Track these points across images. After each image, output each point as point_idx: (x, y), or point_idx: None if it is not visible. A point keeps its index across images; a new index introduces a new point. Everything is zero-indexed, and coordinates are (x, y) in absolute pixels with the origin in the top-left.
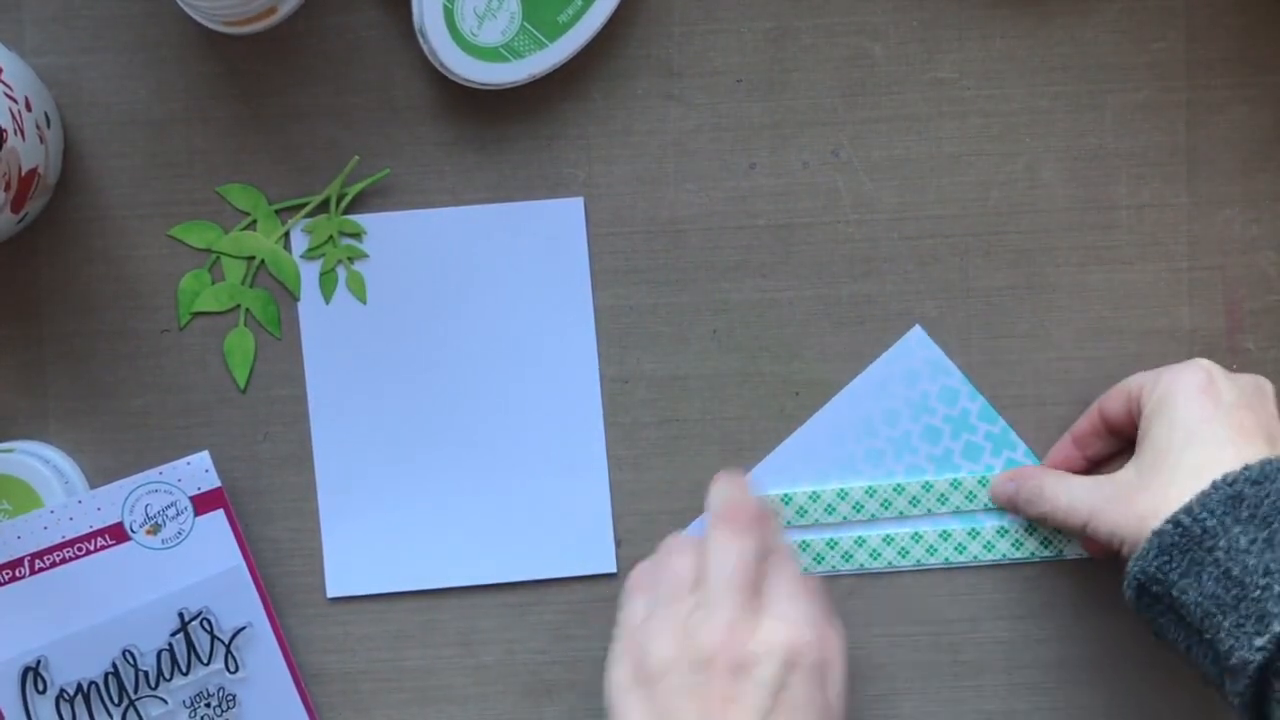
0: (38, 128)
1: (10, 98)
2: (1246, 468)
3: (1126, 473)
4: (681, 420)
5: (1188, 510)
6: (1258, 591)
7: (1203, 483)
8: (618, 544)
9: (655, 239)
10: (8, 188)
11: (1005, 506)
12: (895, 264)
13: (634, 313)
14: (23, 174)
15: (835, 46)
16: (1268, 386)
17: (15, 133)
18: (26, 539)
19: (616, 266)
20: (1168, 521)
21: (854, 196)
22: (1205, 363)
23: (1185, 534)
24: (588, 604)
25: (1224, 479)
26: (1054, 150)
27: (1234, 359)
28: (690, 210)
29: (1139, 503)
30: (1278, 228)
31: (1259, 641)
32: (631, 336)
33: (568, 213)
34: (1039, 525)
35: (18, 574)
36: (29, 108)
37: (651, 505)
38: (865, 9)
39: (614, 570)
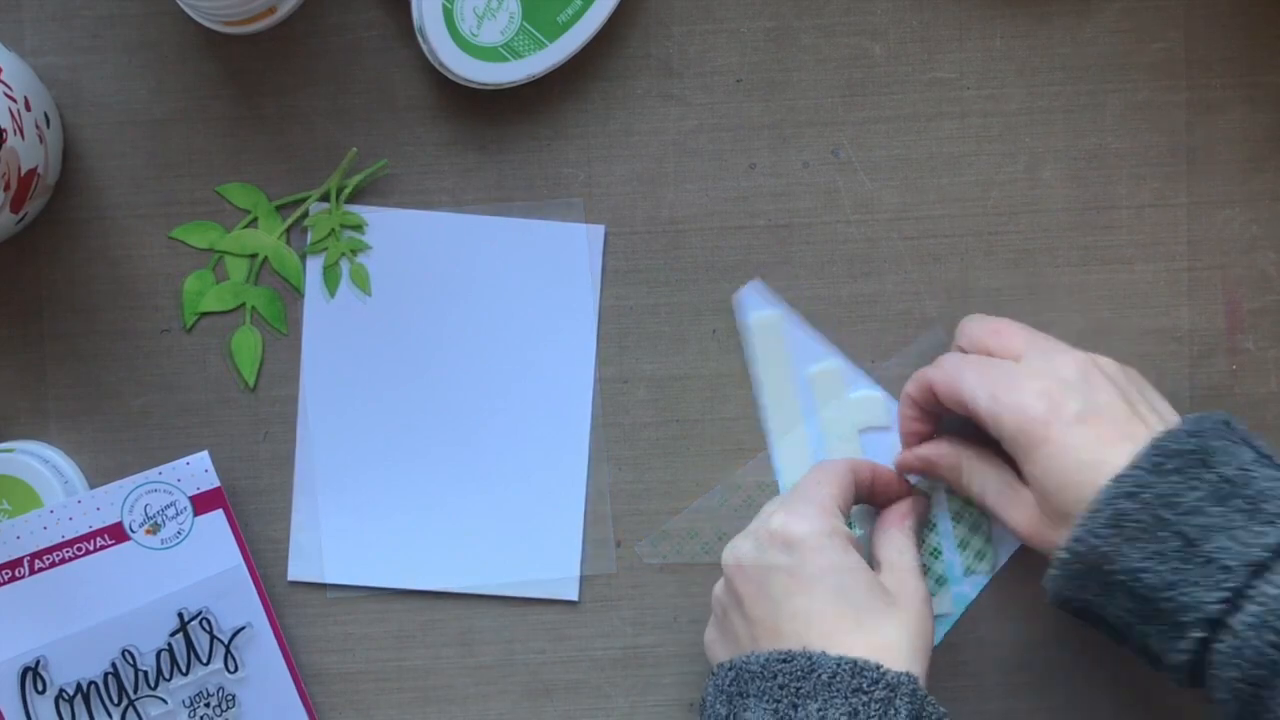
0: (37, 128)
1: (10, 98)
2: (1118, 479)
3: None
4: (681, 420)
5: (1079, 539)
6: (1168, 605)
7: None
8: (617, 544)
9: (655, 239)
10: (7, 188)
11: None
12: (895, 264)
13: (634, 313)
14: (22, 174)
15: (835, 46)
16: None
17: (15, 132)
18: (26, 539)
19: (616, 266)
20: (1063, 549)
21: (854, 196)
22: (1039, 386)
23: (1082, 560)
24: (588, 604)
25: (1104, 496)
26: (1054, 150)
27: (1234, 359)
28: (690, 210)
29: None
30: (1278, 228)
31: (1181, 645)
32: (631, 336)
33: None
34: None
35: (17, 574)
36: (29, 108)
37: (651, 505)
38: (865, 9)
39: (614, 570)
